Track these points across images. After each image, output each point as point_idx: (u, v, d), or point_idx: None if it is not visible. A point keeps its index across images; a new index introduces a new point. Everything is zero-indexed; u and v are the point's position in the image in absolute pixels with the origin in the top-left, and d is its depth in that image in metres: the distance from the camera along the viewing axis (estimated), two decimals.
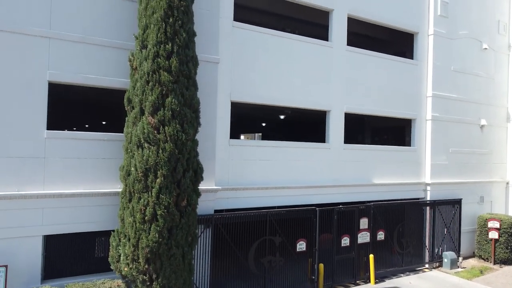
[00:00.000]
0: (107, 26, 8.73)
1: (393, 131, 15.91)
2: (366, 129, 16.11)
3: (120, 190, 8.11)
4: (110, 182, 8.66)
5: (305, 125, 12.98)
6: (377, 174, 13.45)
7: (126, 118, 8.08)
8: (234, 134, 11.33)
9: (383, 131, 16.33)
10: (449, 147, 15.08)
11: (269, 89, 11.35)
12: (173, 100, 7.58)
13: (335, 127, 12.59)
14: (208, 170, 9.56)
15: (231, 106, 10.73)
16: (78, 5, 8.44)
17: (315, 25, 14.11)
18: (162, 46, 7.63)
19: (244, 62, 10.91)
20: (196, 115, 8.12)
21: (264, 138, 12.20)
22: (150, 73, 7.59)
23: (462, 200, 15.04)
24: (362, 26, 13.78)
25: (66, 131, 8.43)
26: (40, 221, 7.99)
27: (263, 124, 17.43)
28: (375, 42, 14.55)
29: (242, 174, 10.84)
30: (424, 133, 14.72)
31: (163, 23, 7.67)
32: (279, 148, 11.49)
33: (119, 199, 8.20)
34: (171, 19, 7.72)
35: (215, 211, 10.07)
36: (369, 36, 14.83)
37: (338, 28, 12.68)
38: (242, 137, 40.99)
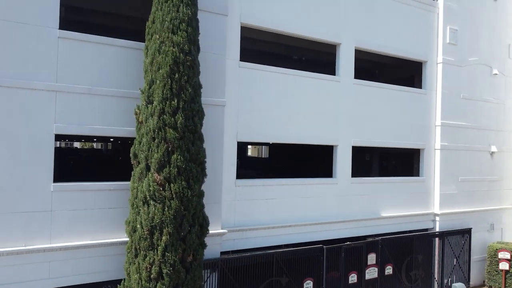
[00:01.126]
0: (113, 76, 8.73)
1: (402, 158, 15.77)
2: (374, 156, 15.97)
3: (126, 242, 8.12)
4: (116, 232, 8.66)
5: (312, 158, 12.92)
6: (385, 206, 13.32)
7: (132, 172, 8.07)
8: (240, 171, 11.30)
9: (392, 157, 16.18)
10: (458, 175, 14.89)
11: (276, 127, 11.29)
12: (179, 157, 7.55)
13: (343, 161, 12.49)
14: (215, 214, 9.55)
15: (238, 146, 10.70)
16: (84, 58, 8.45)
17: (322, 54, 14.06)
18: (167, 102, 7.62)
19: (250, 101, 10.86)
20: (202, 168, 8.10)
21: (270, 170, 12.15)
22: (156, 130, 7.58)
23: (472, 229, 14.84)
24: (369, 55, 13.69)
25: (72, 183, 8.44)
26: (47, 274, 8.01)
27: (269, 158, 17.37)
28: (382, 67, 14.47)
29: (249, 214, 10.79)
30: (433, 163, 14.55)
31: (169, 79, 7.65)
32: (285, 186, 11.42)
33: (125, 250, 8.21)
34: (176, 75, 7.70)
35: (221, 253, 10.04)
36: (376, 62, 14.72)
37: (345, 62, 12.57)
38: (249, 147, 40.82)
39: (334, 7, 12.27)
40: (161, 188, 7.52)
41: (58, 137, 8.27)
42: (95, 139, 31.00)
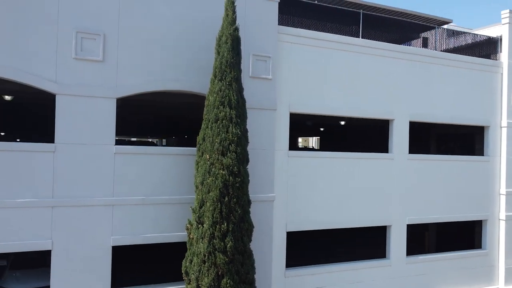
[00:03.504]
0: (165, 184, 8.98)
1: (462, 230, 14.67)
2: (431, 230, 15.04)
3: None
4: None
5: (364, 240, 12.47)
6: (444, 285, 12.59)
7: None
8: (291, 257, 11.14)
9: (450, 230, 14.99)
10: None
11: (327, 212, 11.04)
12: (229, 281, 7.60)
13: (397, 241, 11.95)
14: None
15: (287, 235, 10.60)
16: (138, 169, 8.76)
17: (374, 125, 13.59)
18: (217, 226, 7.70)
19: (299, 189, 10.72)
20: (251, 286, 8.09)
21: (320, 255, 11.92)
22: (206, 254, 7.68)
23: None
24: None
25: None
26: None
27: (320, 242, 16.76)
28: (438, 135, 13.73)
29: None
30: (497, 234, 13.56)
31: (219, 203, 7.73)
32: (335, 273, 11.15)
33: None
34: (226, 198, 7.77)
35: None
36: (430, 130, 14.00)
37: (399, 137, 12.05)
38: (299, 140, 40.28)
39: (386, 83, 11.82)
40: None
41: (113, 248, 8.64)
42: None
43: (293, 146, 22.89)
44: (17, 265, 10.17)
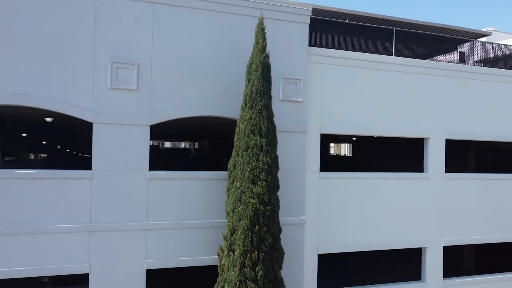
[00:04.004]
0: (197, 208, 9.12)
1: (506, 250, 14.09)
2: (469, 251, 14.51)
3: None
4: None
5: (398, 262, 12.19)
6: None
7: None
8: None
9: (490, 252, 14.42)
10: None
11: (358, 234, 10.85)
12: None
13: (432, 265, 11.60)
14: None
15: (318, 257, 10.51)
16: (171, 194, 8.94)
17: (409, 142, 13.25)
18: (248, 255, 7.74)
19: (331, 211, 10.58)
20: None
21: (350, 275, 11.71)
22: (237, 283, 7.73)
23: None
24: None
25: None
26: None
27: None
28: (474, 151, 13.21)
29: None
30: None
31: (249, 232, 7.77)
32: None
33: None
34: (256, 227, 7.80)
35: None
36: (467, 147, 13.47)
37: (435, 156, 11.68)
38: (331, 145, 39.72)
39: (420, 101, 11.49)
40: None
41: (147, 271, 8.87)
42: None
43: (325, 153, 22.64)
44: (58, 282, 10.61)
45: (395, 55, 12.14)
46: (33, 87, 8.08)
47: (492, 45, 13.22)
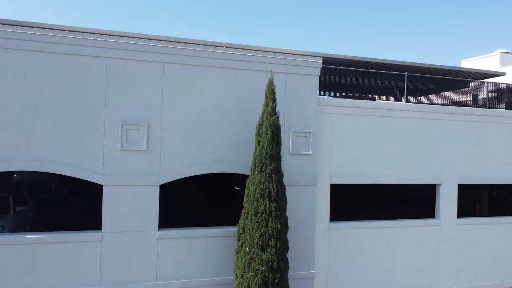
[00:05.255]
0: (206, 265, 9.09)
1: None
2: None
3: None
4: None
5: None
6: None
7: None
8: None
9: None
10: None
11: (372, 286, 10.75)
12: None
13: None
14: None
15: None
16: (180, 253, 8.93)
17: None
18: None
19: (342, 262, 10.50)
20: None
21: None
22: None
23: None
24: None
25: None
26: None
27: None
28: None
29: None
30: None
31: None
32: None
33: None
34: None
35: None
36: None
37: (447, 202, 11.53)
38: None
39: (432, 146, 11.35)
40: None
41: None
42: None
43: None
44: None
45: (407, 95, 12.00)
46: (46, 153, 8.13)
47: (507, 86, 12.99)
